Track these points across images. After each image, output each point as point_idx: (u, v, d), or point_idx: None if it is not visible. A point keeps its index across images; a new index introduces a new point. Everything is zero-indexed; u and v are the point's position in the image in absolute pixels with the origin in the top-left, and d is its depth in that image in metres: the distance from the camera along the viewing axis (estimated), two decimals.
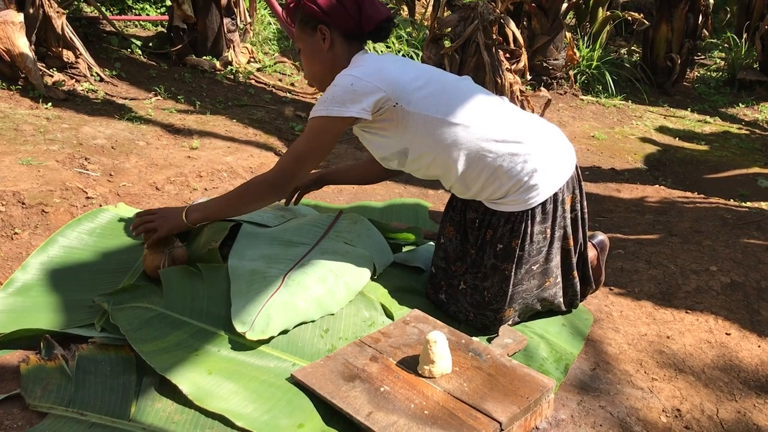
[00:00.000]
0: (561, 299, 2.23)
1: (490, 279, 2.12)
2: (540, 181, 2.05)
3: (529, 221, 2.07)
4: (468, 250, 2.20)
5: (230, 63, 5.31)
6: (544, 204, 2.08)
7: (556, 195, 2.09)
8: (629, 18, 7.45)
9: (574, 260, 2.22)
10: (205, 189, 3.21)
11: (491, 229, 2.12)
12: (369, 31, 2.10)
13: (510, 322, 2.17)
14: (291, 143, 4.14)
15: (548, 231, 2.11)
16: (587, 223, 2.26)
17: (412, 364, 1.84)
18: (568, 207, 2.15)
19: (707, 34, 8.16)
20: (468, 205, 2.20)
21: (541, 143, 2.09)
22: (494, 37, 4.70)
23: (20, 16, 3.94)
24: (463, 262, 2.21)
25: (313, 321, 2.03)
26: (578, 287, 2.25)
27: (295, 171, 2.06)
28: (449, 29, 4.87)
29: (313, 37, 2.08)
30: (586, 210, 2.23)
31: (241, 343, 1.91)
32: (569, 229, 2.17)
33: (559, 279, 2.20)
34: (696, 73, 7.97)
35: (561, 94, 6.52)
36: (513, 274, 2.10)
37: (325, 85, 2.08)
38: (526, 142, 2.05)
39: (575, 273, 2.23)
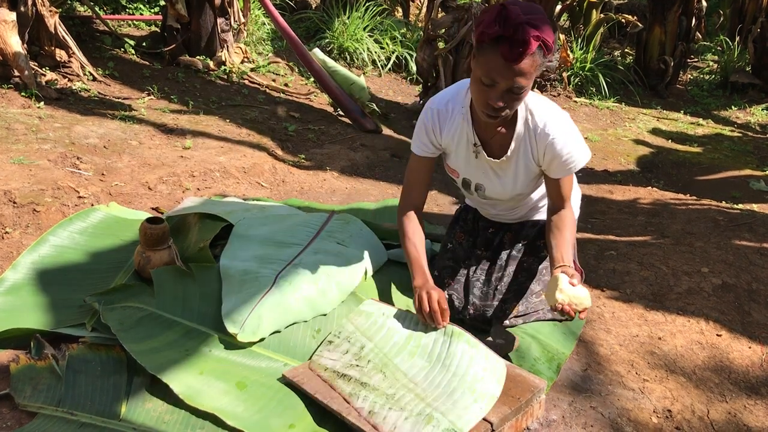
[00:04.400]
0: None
1: (504, 270, 2.22)
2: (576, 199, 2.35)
3: None
4: (477, 251, 2.31)
5: (224, 63, 5.30)
6: None
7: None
8: (623, 20, 7.47)
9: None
10: (198, 189, 3.20)
11: (510, 233, 2.31)
12: None
13: (508, 321, 2.16)
14: (286, 141, 4.14)
15: None
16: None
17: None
18: None
19: (700, 36, 8.19)
20: (479, 217, 2.41)
21: None
22: None
23: (12, 15, 3.92)
24: (474, 260, 2.29)
25: (305, 321, 2.03)
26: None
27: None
28: (443, 30, 4.87)
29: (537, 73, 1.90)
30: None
31: (232, 343, 1.90)
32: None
33: None
34: (689, 75, 8.00)
35: (554, 96, 6.53)
36: (530, 267, 2.22)
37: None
38: None
39: None
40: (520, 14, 1.76)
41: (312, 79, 5.51)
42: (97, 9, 5.41)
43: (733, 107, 6.93)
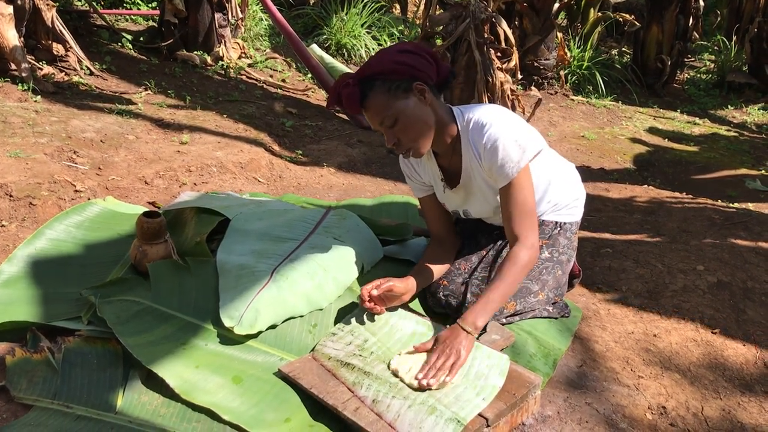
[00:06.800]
0: (549, 308, 2.26)
1: None
2: (580, 204, 2.39)
3: (559, 230, 2.29)
4: (479, 252, 2.30)
5: (221, 58, 5.29)
6: (572, 224, 2.34)
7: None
8: (620, 19, 7.49)
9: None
10: (195, 184, 3.20)
11: None
12: (443, 81, 2.04)
13: (505, 320, 2.17)
14: (283, 136, 4.13)
15: (562, 249, 2.28)
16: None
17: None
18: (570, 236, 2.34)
19: (697, 36, 8.20)
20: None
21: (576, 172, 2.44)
22: (486, 35, 4.70)
23: (9, 8, 3.91)
24: (470, 261, 2.28)
25: (301, 316, 2.03)
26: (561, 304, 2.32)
27: (536, 224, 2.04)
28: (441, 27, 4.87)
29: (408, 99, 1.93)
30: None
31: (229, 338, 1.91)
32: (570, 257, 2.33)
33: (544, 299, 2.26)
34: (686, 74, 8.01)
35: (552, 94, 6.54)
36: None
37: (426, 147, 2.00)
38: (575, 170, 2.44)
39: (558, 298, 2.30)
40: (345, 76, 1.93)
41: (309, 75, 5.51)
42: (94, 3, 5.40)
43: (729, 107, 6.95)
